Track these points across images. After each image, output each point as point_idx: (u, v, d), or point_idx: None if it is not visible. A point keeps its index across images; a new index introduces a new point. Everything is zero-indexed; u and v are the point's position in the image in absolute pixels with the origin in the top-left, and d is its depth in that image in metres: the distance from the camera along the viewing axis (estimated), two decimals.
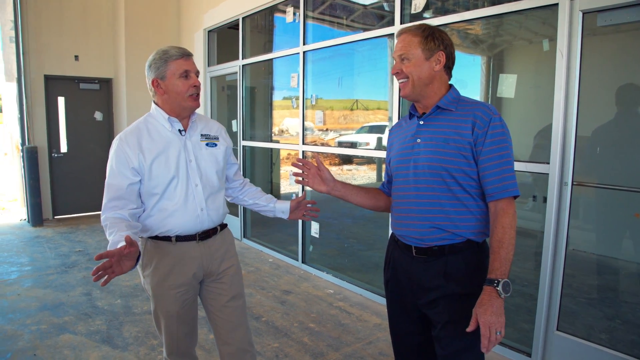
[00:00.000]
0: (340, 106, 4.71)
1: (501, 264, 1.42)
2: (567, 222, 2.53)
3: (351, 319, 3.51)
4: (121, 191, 1.72)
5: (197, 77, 1.82)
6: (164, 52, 1.77)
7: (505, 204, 1.48)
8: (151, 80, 1.79)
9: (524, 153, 2.93)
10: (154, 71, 1.77)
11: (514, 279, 3.26)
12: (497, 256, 1.44)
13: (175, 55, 1.76)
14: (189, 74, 1.78)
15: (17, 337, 3.15)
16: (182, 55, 1.78)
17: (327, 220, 4.76)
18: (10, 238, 5.83)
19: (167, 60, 1.76)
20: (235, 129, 5.94)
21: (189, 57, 1.81)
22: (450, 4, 3.36)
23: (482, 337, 1.36)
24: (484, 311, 1.38)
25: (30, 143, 6.43)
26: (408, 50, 1.55)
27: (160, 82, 1.77)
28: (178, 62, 1.76)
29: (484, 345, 1.37)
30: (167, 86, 1.77)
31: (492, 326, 1.35)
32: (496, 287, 1.39)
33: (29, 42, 6.33)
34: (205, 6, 6.26)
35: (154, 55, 1.79)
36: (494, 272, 1.42)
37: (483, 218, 1.56)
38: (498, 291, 1.38)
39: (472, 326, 1.40)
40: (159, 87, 1.78)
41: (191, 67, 1.79)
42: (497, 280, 1.40)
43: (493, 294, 1.39)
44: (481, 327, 1.37)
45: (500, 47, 3.29)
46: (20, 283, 4.20)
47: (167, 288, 1.82)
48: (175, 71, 1.76)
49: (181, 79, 1.77)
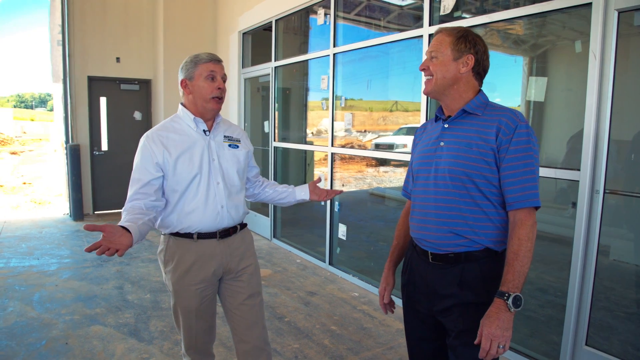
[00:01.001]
0: (380, 107, 4.68)
1: (514, 276, 1.38)
2: (598, 232, 2.42)
3: (374, 323, 3.48)
4: (144, 185, 1.80)
5: (223, 82, 1.89)
6: (196, 56, 1.88)
7: (525, 215, 1.44)
8: (180, 81, 1.89)
9: (553, 159, 2.82)
10: (184, 72, 1.88)
11: (547, 289, 3.17)
12: (510, 268, 1.40)
13: (205, 59, 1.86)
14: (215, 76, 1.86)
15: (52, 325, 3.31)
16: (211, 59, 1.87)
17: (358, 222, 4.74)
18: (53, 231, 6.13)
19: (197, 62, 1.85)
20: (267, 130, 6.01)
21: (218, 62, 1.90)
22: (480, 5, 3.28)
23: (481, 349, 1.34)
24: (490, 323, 1.35)
25: (73, 141, 6.73)
26: (438, 49, 1.55)
27: (188, 82, 1.87)
28: (207, 64, 1.86)
29: (481, 356, 1.34)
30: (194, 87, 1.86)
31: (495, 339, 1.32)
32: (506, 300, 1.35)
33: (74, 45, 6.64)
34: (240, 9, 6.38)
35: (187, 59, 1.90)
36: (505, 285, 1.38)
37: (503, 227, 1.52)
38: (508, 305, 1.35)
39: (478, 338, 1.37)
40: (187, 87, 1.88)
41: (218, 71, 1.88)
42: (508, 294, 1.36)
43: (502, 307, 1.36)
44: (483, 340, 1.34)
45: (530, 49, 3.18)
46: (59, 274, 4.40)
47: (187, 284, 1.87)
48: (202, 72, 1.85)
49: (207, 81, 1.85)
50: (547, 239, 3.21)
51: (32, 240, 5.62)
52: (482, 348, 1.33)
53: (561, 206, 2.95)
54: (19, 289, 3.99)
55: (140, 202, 1.77)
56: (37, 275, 4.38)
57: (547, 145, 3.08)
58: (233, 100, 6.68)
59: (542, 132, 3.08)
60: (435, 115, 1.68)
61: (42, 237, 5.82)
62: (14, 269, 4.54)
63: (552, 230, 3.10)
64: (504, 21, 2.97)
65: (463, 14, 3.24)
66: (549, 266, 3.24)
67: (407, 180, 1.83)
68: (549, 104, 2.94)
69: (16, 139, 27.09)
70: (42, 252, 5.12)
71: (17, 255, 4.98)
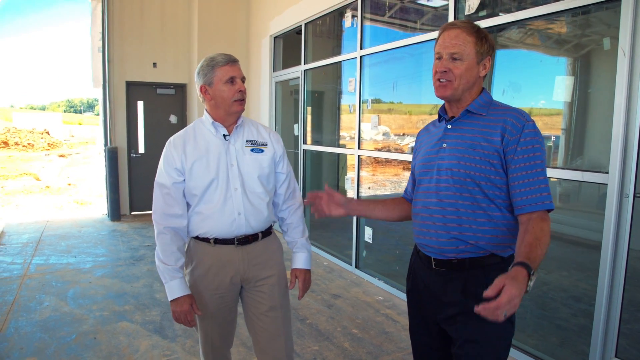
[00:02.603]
0: (418, 111, 4.62)
1: (536, 257, 1.23)
2: (628, 237, 2.30)
3: (396, 328, 3.43)
4: (167, 189, 1.82)
5: (242, 83, 1.86)
6: (211, 60, 1.82)
7: (541, 215, 1.35)
8: (199, 87, 1.84)
9: (580, 162, 2.71)
10: (202, 78, 1.83)
11: (581, 297, 3.03)
12: (533, 249, 1.25)
13: (221, 62, 1.81)
14: (234, 79, 1.82)
15: (82, 320, 3.44)
16: (227, 62, 1.82)
17: (387, 225, 4.69)
18: (91, 231, 6.38)
19: (214, 67, 1.80)
20: (297, 133, 6.05)
21: (235, 63, 1.84)
22: (505, 4, 3.19)
23: (494, 304, 1.12)
24: (515, 285, 1.13)
25: (112, 144, 7.00)
26: (463, 50, 1.42)
27: (208, 88, 1.82)
28: (224, 68, 1.80)
29: (488, 307, 1.13)
30: (215, 92, 1.81)
31: (512, 301, 1.12)
32: (530, 274, 1.18)
33: (114, 51, 6.91)
34: (272, 14, 6.46)
35: (202, 62, 1.84)
36: (530, 260, 1.20)
37: (509, 231, 1.45)
38: (530, 279, 1.17)
39: (493, 291, 1.14)
40: (207, 93, 1.83)
41: (237, 73, 1.83)
42: (533, 271, 1.18)
43: (524, 278, 1.16)
44: (504, 296, 1.12)
45: (558, 47, 3.06)
46: (93, 272, 4.58)
47: (204, 288, 1.87)
48: (222, 77, 1.80)
49: (227, 85, 1.80)
50: (582, 244, 3.08)
51: (71, 239, 5.87)
52: (498, 303, 1.12)
53: (599, 211, 2.81)
54: (55, 285, 4.17)
55: (174, 222, 1.82)
56: (73, 272, 4.57)
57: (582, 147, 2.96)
58: (264, 103, 6.77)
59: (570, 133, 2.96)
60: (438, 115, 1.62)
61: (80, 236, 6.07)
62: (52, 265, 4.76)
63: (587, 235, 2.96)
64: (530, 20, 2.87)
65: (488, 13, 3.16)
66: (584, 273, 3.11)
67: (409, 183, 1.79)
68: (576, 104, 2.82)
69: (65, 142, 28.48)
70: (80, 251, 5.34)
71: (57, 253, 5.21)
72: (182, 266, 1.83)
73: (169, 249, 1.80)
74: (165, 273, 1.78)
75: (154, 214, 1.84)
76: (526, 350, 2.89)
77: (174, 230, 1.82)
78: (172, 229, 1.81)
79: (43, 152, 22.70)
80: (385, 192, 5.01)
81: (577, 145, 3.00)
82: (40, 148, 24.15)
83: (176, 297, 1.77)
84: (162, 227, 1.81)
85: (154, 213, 1.85)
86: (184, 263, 1.94)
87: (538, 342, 2.94)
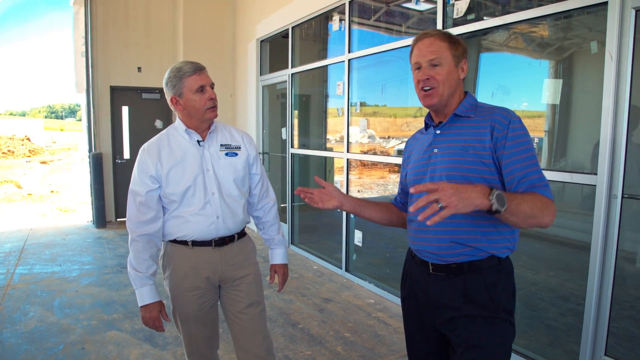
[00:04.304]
0: (403, 113, 4.64)
1: (513, 198, 1.25)
2: (617, 237, 2.34)
3: (388, 331, 3.43)
4: (141, 197, 1.83)
5: (212, 90, 1.86)
6: (178, 70, 1.81)
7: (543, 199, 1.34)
8: (170, 98, 1.85)
9: (569, 163, 2.75)
10: (171, 89, 1.83)
11: (569, 296, 3.07)
12: (515, 195, 1.28)
13: (188, 71, 1.80)
14: (204, 88, 1.82)
15: (70, 330, 3.37)
16: (195, 71, 1.81)
17: (376, 228, 4.69)
18: (76, 238, 6.27)
19: (182, 77, 1.80)
20: (285, 136, 6.04)
21: (202, 71, 1.84)
22: (491, 8, 3.23)
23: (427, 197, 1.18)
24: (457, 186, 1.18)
25: (96, 150, 6.90)
26: (440, 55, 1.46)
27: (178, 99, 1.83)
28: (192, 77, 1.80)
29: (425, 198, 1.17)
30: (186, 102, 1.83)
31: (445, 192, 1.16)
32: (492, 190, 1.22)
33: (97, 56, 6.82)
34: (258, 17, 6.45)
35: (169, 73, 1.84)
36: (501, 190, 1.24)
37: (506, 231, 1.46)
38: (492, 193, 1.21)
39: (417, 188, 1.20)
40: (178, 104, 1.84)
41: (206, 81, 1.83)
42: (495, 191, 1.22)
43: (482, 191, 1.21)
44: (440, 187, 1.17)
45: (545, 51, 3.11)
46: (79, 280, 4.49)
47: (184, 290, 1.89)
48: (191, 87, 1.80)
49: (197, 94, 1.81)
50: (569, 245, 3.12)
51: (56, 247, 5.76)
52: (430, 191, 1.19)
53: (586, 212, 2.85)
54: (40, 295, 4.09)
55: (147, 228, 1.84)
56: (59, 281, 4.48)
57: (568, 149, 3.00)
58: (252, 107, 6.75)
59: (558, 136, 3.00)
60: (425, 123, 1.63)
61: (65, 244, 5.97)
62: (37, 275, 4.66)
63: (575, 236, 3.01)
64: (518, 23, 2.91)
65: (476, 17, 3.20)
66: (571, 273, 3.15)
67: (398, 189, 1.81)
68: (564, 106, 2.86)
69: (46, 149, 27.97)
70: (65, 259, 5.24)
71: (41, 262, 5.11)
72: (153, 273, 1.88)
73: (141, 257, 1.85)
74: (137, 280, 1.84)
75: (128, 221, 1.88)
76: (517, 350, 2.91)
77: (147, 238, 1.85)
78: (145, 237, 1.85)
79: (24, 159, 22.28)
80: (372, 195, 5.02)
81: (560, 147, 3.04)
82: (21, 155, 23.71)
83: (146, 304, 1.85)
84: (136, 234, 1.85)
85: (127, 220, 1.88)
86: (162, 268, 1.98)
87: (528, 342, 2.97)
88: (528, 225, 1.34)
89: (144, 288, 1.84)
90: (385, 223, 1.79)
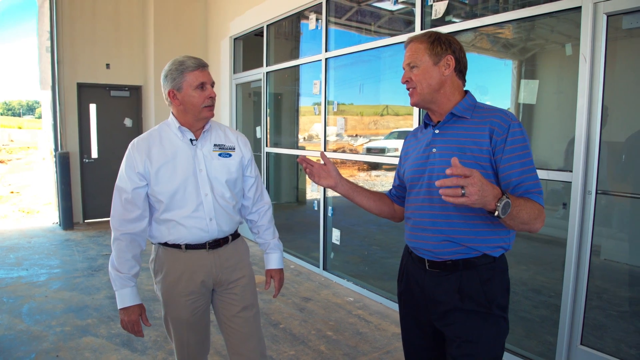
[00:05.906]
0: (371, 112, 4.68)
1: (517, 203, 1.29)
2: (591, 232, 2.44)
3: (369, 328, 3.46)
4: (127, 194, 1.77)
5: (212, 88, 1.82)
6: (180, 63, 1.75)
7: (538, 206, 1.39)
8: (167, 91, 1.78)
9: (546, 161, 2.84)
10: (170, 82, 1.76)
11: (540, 289, 3.18)
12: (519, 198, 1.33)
13: (191, 66, 1.75)
14: (205, 85, 1.77)
15: (42, 338, 3.24)
16: (198, 67, 1.76)
17: (351, 227, 4.73)
18: (42, 241, 6.04)
19: (184, 71, 1.74)
20: (259, 135, 5.99)
21: (205, 68, 1.80)
22: (470, 10, 3.30)
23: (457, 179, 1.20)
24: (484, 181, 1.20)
25: (62, 149, 6.66)
26: (416, 58, 1.53)
27: (176, 93, 1.77)
28: (194, 73, 1.75)
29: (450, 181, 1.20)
30: (184, 97, 1.76)
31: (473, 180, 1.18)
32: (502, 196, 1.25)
33: (63, 52, 6.58)
34: (232, 14, 6.37)
35: (170, 65, 1.77)
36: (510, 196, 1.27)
37: (501, 231, 1.49)
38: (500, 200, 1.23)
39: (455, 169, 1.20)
40: (175, 98, 1.78)
41: (207, 79, 1.79)
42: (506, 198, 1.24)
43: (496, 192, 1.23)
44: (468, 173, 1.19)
45: (522, 52, 3.20)
46: (49, 285, 4.33)
47: (177, 295, 1.83)
48: (191, 83, 1.75)
49: (197, 91, 1.76)
50: (539, 240, 3.23)
51: (21, 251, 5.53)
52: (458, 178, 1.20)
53: (552, 207, 2.96)
54: (7, 301, 3.91)
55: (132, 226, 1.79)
56: (26, 286, 4.30)
57: (540, 147, 3.10)
58: (225, 106, 6.66)
59: (534, 135, 3.10)
60: (423, 122, 1.66)
61: (30, 247, 5.74)
62: (1, 280, 4.46)
63: (544, 231, 3.11)
64: (495, 25, 2.99)
65: (454, 19, 3.26)
66: (542, 267, 3.26)
67: (394, 182, 1.83)
68: (540, 106, 2.96)
69: (3, 147, 26.79)
70: (31, 263, 5.04)
71: (5, 267, 4.89)
72: (135, 274, 1.82)
73: (123, 257, 1.79)
74: (117, 281, 1.78)
75: (112, 219, 1.81)
76: None
77: (131, 237, 1.80)
78: (129, 236, 1.79)
79: None
80: None
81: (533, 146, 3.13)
82: None
83: (126, 306, 1.78)
84: (120, 233, 1.79)
85: (112, 218, 1.82)
86: (153, 272, 1.92)
87: None
88: (519, 230, 1.39)
89: (124, 290, 1.78)
90: (376, 212, 1.81)
